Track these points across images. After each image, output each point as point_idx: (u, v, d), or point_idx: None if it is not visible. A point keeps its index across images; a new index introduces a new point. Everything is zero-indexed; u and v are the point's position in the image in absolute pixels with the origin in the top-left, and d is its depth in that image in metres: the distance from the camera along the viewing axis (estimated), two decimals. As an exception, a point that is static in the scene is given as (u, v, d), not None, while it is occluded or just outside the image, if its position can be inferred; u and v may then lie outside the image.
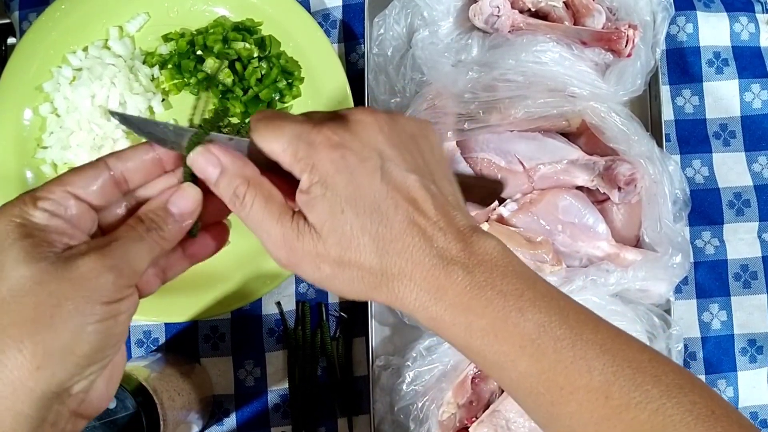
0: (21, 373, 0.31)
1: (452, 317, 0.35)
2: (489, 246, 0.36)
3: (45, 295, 0.32)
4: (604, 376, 0.33)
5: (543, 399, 0.35)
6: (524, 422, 0.63)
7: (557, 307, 0.35)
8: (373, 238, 0.35)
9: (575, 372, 0.34)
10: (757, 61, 0.77)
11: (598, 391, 0.33)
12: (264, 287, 0.68)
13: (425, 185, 0.36)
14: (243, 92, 0.71)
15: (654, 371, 0.34)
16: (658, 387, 0.33)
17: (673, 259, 0.64)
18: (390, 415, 0.67)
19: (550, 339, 0.34)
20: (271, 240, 0.36)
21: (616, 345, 0.35)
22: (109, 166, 0.37)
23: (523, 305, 0.34)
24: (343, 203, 0.35)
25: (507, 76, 0.65)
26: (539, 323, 0.34)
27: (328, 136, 0.35)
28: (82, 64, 0.72)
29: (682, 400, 0.33)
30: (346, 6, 0.77)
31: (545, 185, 0.67)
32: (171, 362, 0.66)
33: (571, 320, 0.35)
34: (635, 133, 0.65)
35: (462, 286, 0.35)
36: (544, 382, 0.34)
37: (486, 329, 0.35)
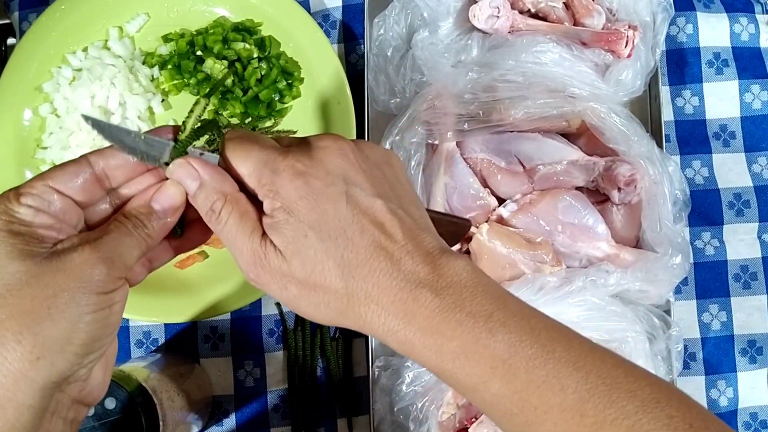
0: (21, 364, 0.32)
1: (422, 341, 0.35)
2: (458, 267, 0.36)
3: (41, 287, 0.32)
4: (578, 393, 0.33)
5: (517, 419, 0.34)
6: (524, 423, 0.63)
7: (528, 326, 0.35)
8: (338, 263, 0.35)
9: (548, 391, 0.33)
10: (757, 61, 0.77)
11: (573, 410, 0.33)
12: (264, 288, 0.68)
13: (392, 209, 0.37)
14: (243, 93, 0.71)
15: (629, 386, 0.34)
16: (634, 402, 0.33)
17: (672, 259, 0.64)
18: (390, 416, 0.67)
19: (522, 359, 0.34)
20: (242, 257, 0.37)
21: (589, 361, 0.34)
22: (90, 162, 0.37)
23: (493, 326, 0.34)
24: (306, 228, 0.35)
25: (507, 76, 0.65)
26: (510, 343, 0.34)
27: (292, 164, 0.36)
28: (82, 64, 0.72)
29: (659, 415, 0.33)
30: (346, 6, 0.77)
31: (545, 185, 0.67)
32: (171, 363, 0.66)
33: (542, 338, 0.34)
34: (635, 134, 0.65)
35: (430, 309, 0.35)
36: (517, 402, 0.34)
37: (456, 352, 0.34)
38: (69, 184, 0.36)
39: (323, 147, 0.37)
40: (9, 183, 0.69)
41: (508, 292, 0.37)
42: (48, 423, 0.34)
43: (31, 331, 0.32)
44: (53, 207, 0.35)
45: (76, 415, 0.36)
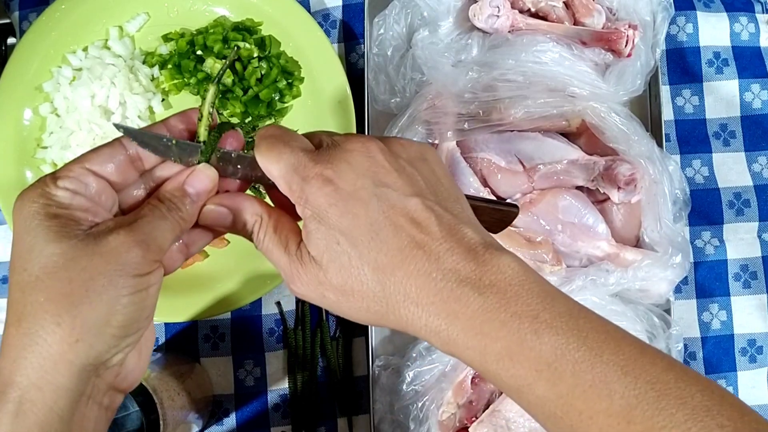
0: (60, 347, 0.32)
1: (465, 342, 0.34)
2: (503, 264, 0.35)
3: (78, 270, 0.33)
4: (625, 399, 0.32)
5: (562, 423, 0.34)
6: (524, 422, 0.63)
7: (576, 328, 0.34)
8: (373, 267, 0.35)
9: (594, 396, 0.32)
10: (757, 61, 0.77)
11: (619, 416, 0.32)
12: (264, 287, 0.68)
13: (428, 206, 0.36)
14: (243, 92, 0.71)
15: (679, 393, 0.32)
16: (684, 410, 0.32)
17: (673, 259, 0.64)
18: (390, 415, 0.67)
19: (568, 362, 0.33)
20: (281, 269, 0.38)
21: (638, 365, 0.33)
22: (124, 145, 0.38)
23: (539, 327, 0.33)
24: (338, 235, 0.35)
25: (507, 76, 0.65)
26: (556, 346, 0.33)
27: (321, 171, 0.36)
28: (82, 64, 0.72)
29: (709, 424, 0.31)
30: (346, 6, 0.77)
31: (545, 185, 0.67)
32: (171, 362, 0.66)
33: (590, 340, 0.33)
34: (635, 133, 0.65)
35: (473, 309, 0.34)
36: (562, 407, 0.33)
37: (501, 353, 0.34)
38: (105, 166, 0.37)
39: (351, 150, 0.37)
40: (9, 183, 0.69)
41: (557, 290, 0.36)
42: (84, 407, 0.34)
43: (70, 314, 0.32)
44: (90, 189, 0.36)
45: (111, 401, 0.36)
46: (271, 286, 0.68)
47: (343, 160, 0.36)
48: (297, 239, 0.37)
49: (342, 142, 0.37)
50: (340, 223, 0.35)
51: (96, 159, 0.36)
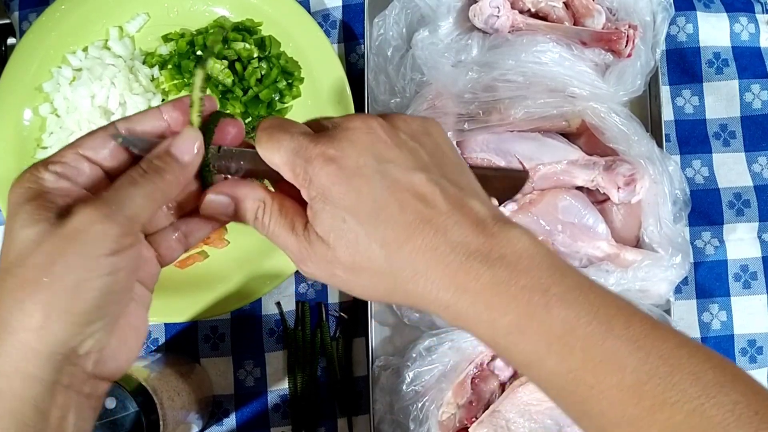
0: (26, 334, 0.32)
1: (475, 315, 0.34)
2: (513, 237, 0.34)
3: (43, 256, 0.32)
4: (636, 374, 0.32)
5: (573, 397, 0.33)
6: (524, 422, 0.63)
7: (586, 302, 0.33)
8: (380, 244, 0.34)
9: (605, 370, 0.32)
10: (757, 61, 0.77)
11: (630, 390, 0.32)
12: (264, 287, 0.68)
13: (433, 180, 0.35)
14: (243, 92, 0.71)
15: (692, 368, 0.32)
16: (696, 386, 0.31)
17: (673, 259, 0.64)
18: (390, 415, 0.67)
19: (578, 336, 0.32)
20: (290, 251, 0.37)
21: (650, 341, 0.32)
22: (118, 129, 0.37)
23: (549, 301, 0.33)
24: (344, 213, 0.34)
25: (507, 76, 0.65)
26: (566, 320, 0.32)
27: (323, 151, 0.35)
28: (82, 64, 0.72)
29: (723, 400, 0.31)
30: (346, 6, 0.77)
31: (545, 185, 0.67)
32: (171, 362, 0.66)
33: (601, 315, 0.33)
34: (635, 134, 0.65)
35: (482, 283, 0.33)
36: (572, 381, 0.33)
37: (510, 327, 0.33)
38: (98, 150, 0.36)
39: (355, 128, 0.36)
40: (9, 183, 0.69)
41: (567, 264, 0.35)
42: (61, 396, 0.33)
43: (33, 300, 0.31)
44: (82, 173, 0.35)
45: (93, 389, 0.35)
46: (271, 286, 0.68)
47: (345, 139, 0.36)
48: (303, 220, 0.37)
49: (342, 122, 0.37)
50: (344, 202, 0.34)
51: (89, 143, 0.35)
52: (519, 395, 0.63)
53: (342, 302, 0.73)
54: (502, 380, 0.66)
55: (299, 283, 0.73)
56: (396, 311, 0.69)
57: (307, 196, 0.36)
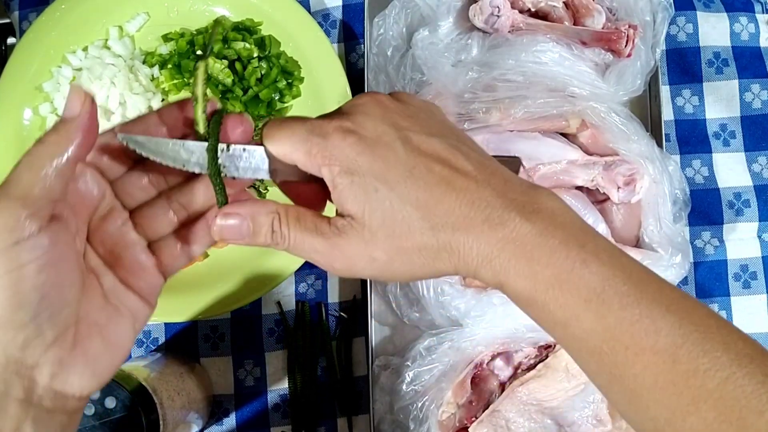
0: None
1: (517, 269, 0.33)
2: (542, 194, 0.34)
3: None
4: (671, 338, 0.31)
5: (607, 359, 0.33)
6: (524, 422, 0.63)
7: (619, 263, 0.33)
8: (416, 206, 0.34)
9: (641, 331, 0.32)
10: (757, 61, 0.77)
11: (665, 354, 0.31)
12: (264, 287, 0.68)
13: (452, 145, 0.35)
14: (243, 92, 0.71)
15: (723, 338, 0.32)
16: (728, 354, 0.31)
17: (673, 259, 0.64)
18: (390, 415, 0.67)
19: (615, 294, 0.32)
20: (321, 254, 0.35)
21: (682, 307, 0.32)
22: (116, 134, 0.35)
23: (586, 257, 0.33)
24: (374, 181, 0.34)
25: (507, 76, 0.65)
26: (604, 277, 0.32)
27: (339, 124, 0.34)
28: (82, 64, 0.72)
29: (754, 371, 0.31)
30: (346, 6, 0.77)
31: (545, 185, 0.66)
32: (171, 362, 0.66)
33: (634, 277, 0.33)
34: (635, 133, 0.65)
35: (522, 234, 0.33)
36: (608, 341, 0.32)
37: (551, 281, 0.33)
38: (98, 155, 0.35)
39: (364, 102, 0.36)
40: (9, 182, 0.69)
41: (594, 229, 0.35)
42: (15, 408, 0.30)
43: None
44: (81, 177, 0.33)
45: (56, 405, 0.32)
46: (271, 286, 0.68)
47: (358, 112, 0.35)
48: (325, 219, 0.35)
49: (349, 102, 0.37)
50: (373, 169, 0.34)
51: None
52: (519, 395, 0.63)
53: (342, 302, 0.73)
54: (501, 380, 0.66)
55: (299, 283, 0.73)
56: (396, 311, 0.69)
57: (330, 175, 0.34)
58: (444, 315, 0.65)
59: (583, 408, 0.64)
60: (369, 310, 0.69)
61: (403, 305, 0.68)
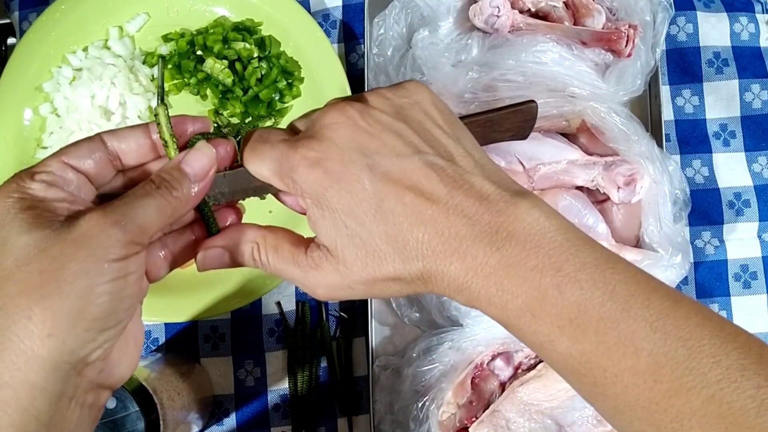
0: (32, 342, 0.30)
1: (488, 297, 0.33)
2: (521, 212, 0.33)
3: (49, 261, 0.30)
4: (653, 358, 0.30)
5: (586, 380, 0.32)
6: (524, 422, 0.63)
7: (602, 280, 0.31)
8: (386, 240, 0.33)
9: (620, 354, 0.31)
10: (757, 61, 0.77)
11: (646, 375, 0.30)
12: (264, 287, 0.68)
13: (427, 162, 0.34)
14: (243, 92, 0.71)
15: (713, 351, 0.30)
16: (716, 370, 0.30)
17: (673, 259, 0.64)
18: (390, 415, 0.67)
19: (591, 318, 0.31)
20: (300, 283, 0.36)
21: (670, 321, 0.31)
22: (104, 141, 0.36)
23: (561, 281, 0.31)
24: (343, 217, 0.34)
25: (507, 76, 0.65)
26: (579, 301, 0.31)
27: (304, 155, 0.34)
28: (82, 64, 0.72)
29: (744, 385, 0.29)
30: (346, 6, 0.77)
31: (545, 185, 0.67)
32: (171, 362, 0.66)
33: (617, 294, 0.31)
34: (635, 133, 0.65)
35: (492, 265, 0.32)
36: (585, 364, 0.32)
37: (522, 309, 0.32)
38: (83, 160, 0.35)
39: (331, 124, 0.35)
40: (9, 183, 0.69)
41: (584, 237, 0.33)
42: (65, 409, 0.31)
43: (41, 307, 0.30)
44: (68, 182, 0.34)
45: (95, 399, 0.33)
46: (271, 286, 0.68)
47: (324, 137, 0.34)
48: (302, 247, 0.36)
49: (319, 117, 0.36)
50: (340, 205, 0.33)
51: (75, 152, 0.34)
52: (519, 395, 0.63)
53: (342, 302, 0.73)
54: (502, 380, 0.66)
55: (299, 283, 0.73)
56: (396, 311, 0.69)
57: (304, 205, 0.35)
58: (444, 315, 0.65)
59: (583, 408, 0.64)
60: (369, 310, 0.69)
61: (403, 305, 0.68)
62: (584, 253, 0.32)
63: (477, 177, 0.34)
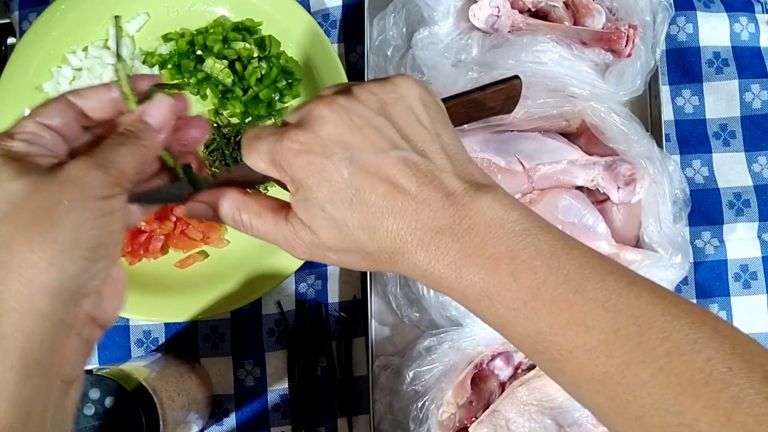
0: (35, 271, 0.33)
1: (449, 283, 0.36)
2: (482, 206, 0.35)
3: (41, 200, 0.33)
4: (604, 334, 0.33)
5: (544, 357, 0.35)
6: (524, 422, 0.63)
7: (557, 265, 0.34)
8: (360, 227, 0.36)
9: (572, 333, 0.33)
10: (757, 61, 0.77)
11: (597, 350, 0.33)
12: (264, 287, 0.68)
13: (402, 158, 0.37)
14: (243, 92, 0.71)
15: (663, 326, 0.32)
16: (665, 344, 0.31)
17: (673, 259, 0.64)
18: (390, 415, 0.67)
19: (545, 301, 0.34)
20: (279, 242, 0.39)
21: (622, 300, 0.33)
22: (70, 101, 0.38)
23: (516, 268, 0.34)
24: (323, 202, 0.36)
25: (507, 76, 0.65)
26: (533, 285, 0.34)
27: (289, 145, 0.37)
28: (82, 63, 0.72)
29: (694, 357, 0.31)
30: (346, 6, 0.77)
31: (545, 185, 0.67)
32: (171, 362, 0.66)
33: (571, 277, 0.34)
34: (635, 133, 0.65)
35: (452, 255, 0.35)
36: (542, 342, 0.34)
37: (480, 294, 0.35)
38: (55, 119, 0.37)
39: (317, 117, 0.37)
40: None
41: (543, 225, 0.36)
42: (65, 337, 0.34)
43: (39, 239, 0.33)
44: (45, 140, 0.36)
45: (90, 333, 0.37)
46: (271, 286, 0.68)
47: (310, 129, 0.37)
48: (284, 212, 0.39)
49: (307, 111, 0.38)
50: (319, 192, 0.36)
51: (46, 113, 0.37)
52: (519, 395, 0.63)
53: (342, 302, 0.73)
54: (501, 380, 0.66)
55: (299, 283, 0.73)
56: (396, 311, 0.69)
57: (292, 190, 0.38)
58: (444, 315, 0.65)
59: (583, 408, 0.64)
60: (369, 310, 0.69)
61: (403, 305, 0.68)
62: (541, 241, 0.35)
63: (447, 174, 0.37)
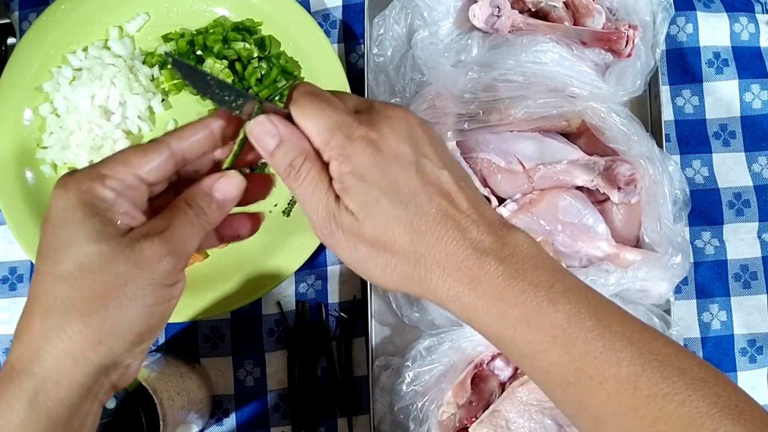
0: (83, 345, 0.34)
1: (485, 307, 0.36)
2: (519, 239, 0.37)
3: (113, 275, 0.34)
4: (632, 367, 0.34)
5: (572, 388, 0.36)
6: (524, 422, 0.63)
7: (586, 300, 0.36)
8: (408, 229, 0.36)
9: (604, 362, 0.35)
10: (757, 61, 0.77)
11: (627, 382, 0.34)
12: (264, 287, 0.68)
13: (456, 181, 0.38)
14: (243, 92, 0.71)
15: (679, 364, 0.35)
16: (684, 380, 0.34)
17: (673, 259, 0.64)
18: (390, 415, 0.67)
19: (580, 329, 0.35)
20: (316, 213, 0.38)
21: (642, 338, 0.36)
22: (171, 147, 0.38)
23: (554, 296, 0.36)
24: (378, 193, 0.36)
25: (507, 76, 0.65)
26: (569, 314, 0.35)
27: (365, 133, 0.37)
28: (82, 64, 0.72)
29: (707, 393, 0.34)
30: (346, 6, 0.77)
31: (545, 185, 0.67)
32: (171, 362, 0.66)
33: (599, 312, 0.36)
34: (635, 134, 0.65)
35: (495, 276, 0.36)
36: (574, 372, 0.35)
37: (518, 319, 0.36)
38: (152, 174, 0.37)
39: (393, 117, 0.38)
40: (9, 183, 0.69)
41: (565, 268, 0.38)
42: (89, 403, 0.36)
43: (98, 317, 0.34)
44: (132, 196, 0.37)
45: (107, 398, 0.38)
46: (271, 286, 0.68)
47: (386, 126, 0.37)
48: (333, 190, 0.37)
49: (383, 108, 0.39)
50: (381, 183, 0.36)
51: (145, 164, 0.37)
52: (519, 395, 0.63)
53: (342, 302, 0.73)
54: (502, 380, 0.66)
55: (299, 283, 0.73)
56: (396, 311, 0.69)
57: (338, 170, 0.37)
58: (444, 315, 0.65)
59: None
60: (369, 310, 0.69)
61: (403, 305, 0.68)
62: (569, 279, 0.37)
63: (487, 207, 0.39)
